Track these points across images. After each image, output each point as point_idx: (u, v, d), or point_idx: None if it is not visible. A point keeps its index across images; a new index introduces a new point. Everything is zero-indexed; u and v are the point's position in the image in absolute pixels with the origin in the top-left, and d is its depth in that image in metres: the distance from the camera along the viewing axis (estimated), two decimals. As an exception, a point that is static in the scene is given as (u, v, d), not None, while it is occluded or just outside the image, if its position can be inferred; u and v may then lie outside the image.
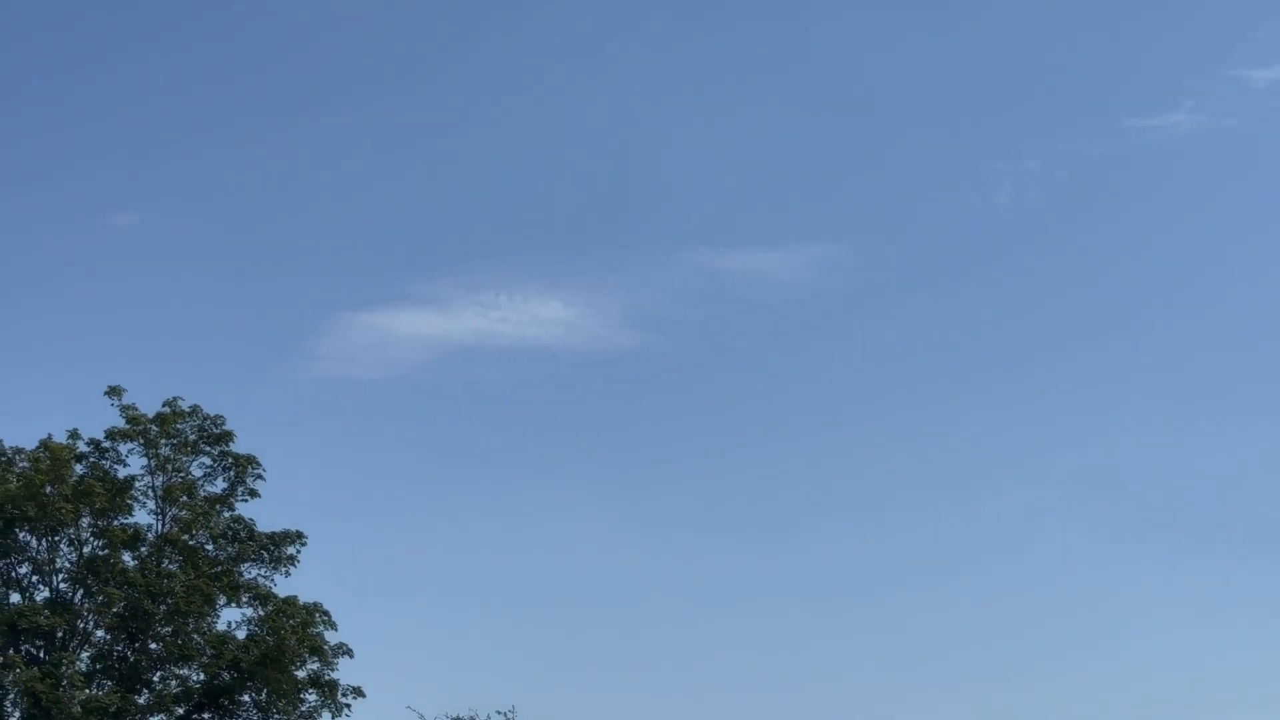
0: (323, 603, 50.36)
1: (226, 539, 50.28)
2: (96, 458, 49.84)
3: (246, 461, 50.64)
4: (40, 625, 46.57)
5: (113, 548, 48.36)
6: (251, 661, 48.18)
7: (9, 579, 48.86)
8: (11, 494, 47.54)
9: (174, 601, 47.74)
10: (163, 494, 49.68)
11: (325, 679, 49.56)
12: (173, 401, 50.47)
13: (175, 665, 48.73)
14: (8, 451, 49.14)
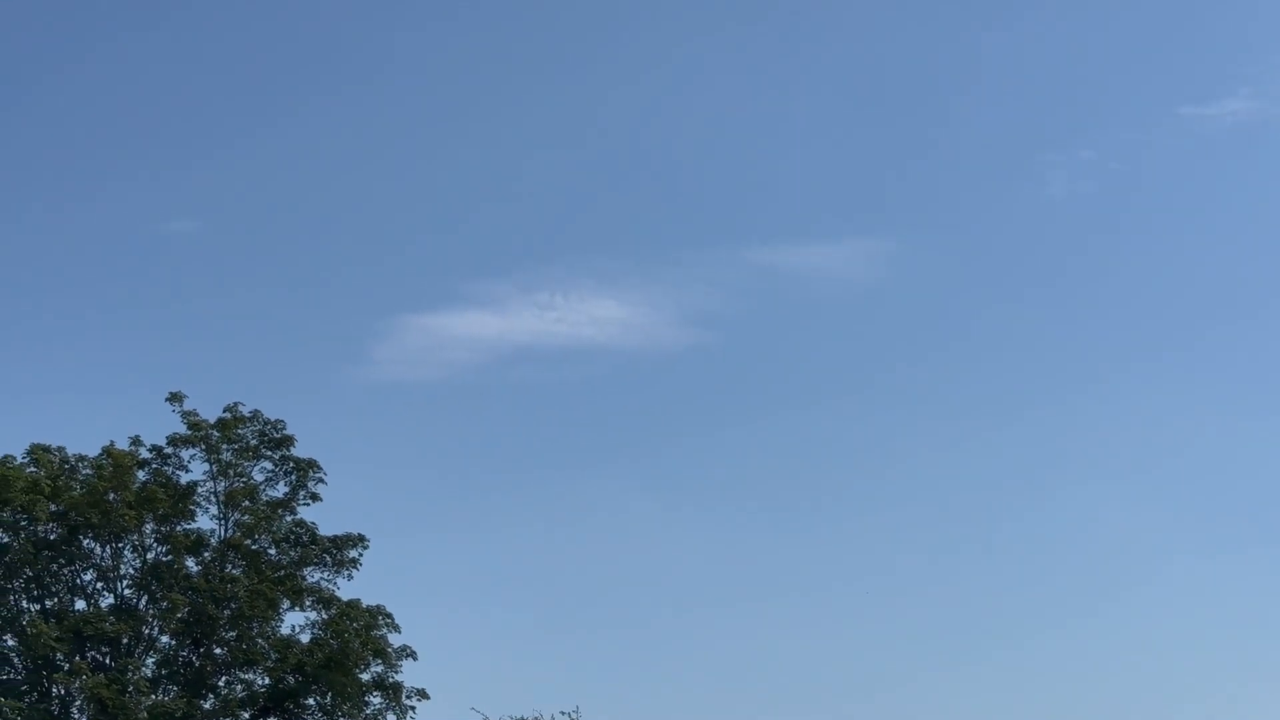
0: (385, 605, 50.51)
1: (289, 543, 50.40)
2: (159, 464, 50.03)
3: (307, 465, 50.75)
4: (106, 632, 46.79)
5: (176, 553, 48.56)
6: (316, 665, 48.29)
7: (74, 586, 49.12)
8: (75, 501, 47.80)
9: (238, 606, 47.89)
10: (225, 499, 49.83)
11: (389, 681, 49.64)
12: (233, 407, 50.64)
13: (240, 669, 48.91)
14: (71, 459, 49.40)
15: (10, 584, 47.92)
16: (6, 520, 47.49)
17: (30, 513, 47.13)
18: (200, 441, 49.95)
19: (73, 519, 47.88)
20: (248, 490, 50.01)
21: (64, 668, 46.23)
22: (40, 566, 47.99)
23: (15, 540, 47.42)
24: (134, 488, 48.60)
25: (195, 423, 50.04)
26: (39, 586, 48.45)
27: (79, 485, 48.46)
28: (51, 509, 47.55)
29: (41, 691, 46.83)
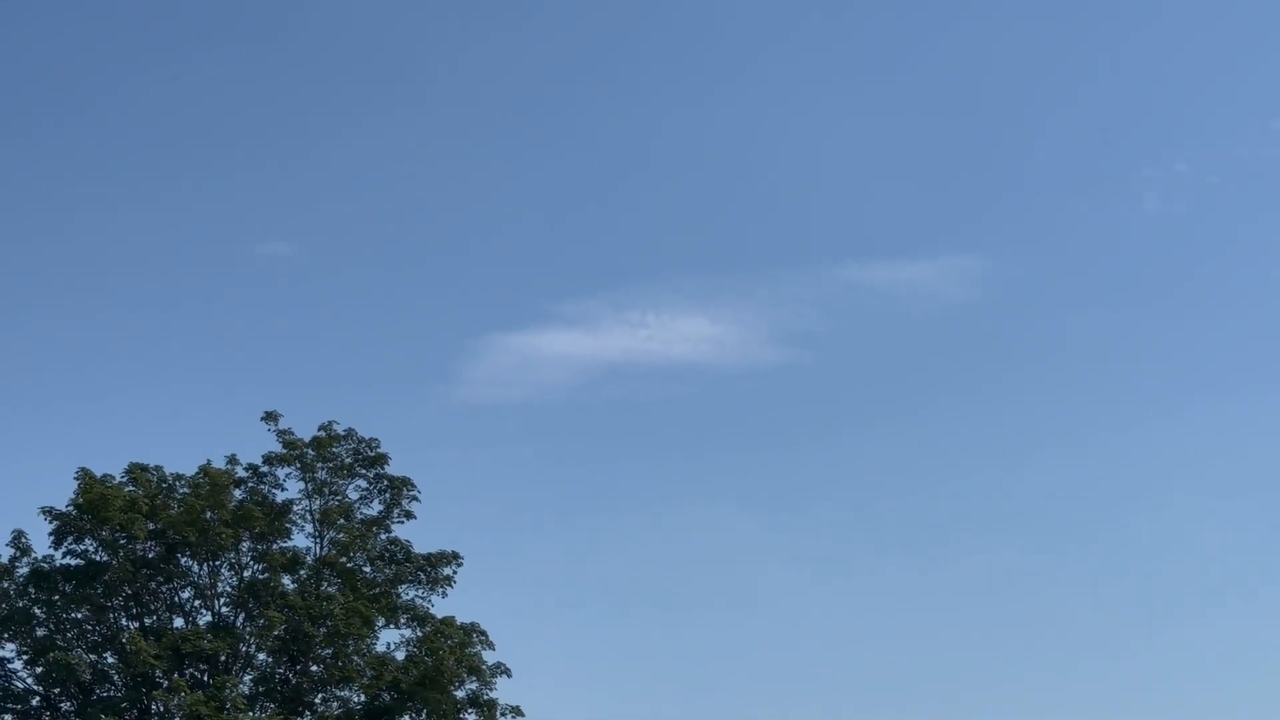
0: (479, 623, 50.63)
1: (384, 561, 50.67)
2: (255, 482, 50.43)
3: (401, 483, 51.00)
4: (203, 649, 47.16)
5: (272, 571, 48.90)
6: (411, 682, 48.44)
7: (172, 604, 49.57)
8: (173, 520, 48.25)
9: (333, 624, 48.10)
10: (320, 517, 50.17)
11: (484, 699, 49.72)
12: (328, 425, 50.98)
13: (336, 687, 49.15)
14: (169, 478, 49.88)
15: (110, 602, 48.43)
16: (106, 539, 48.02)
17: (129, 531, 47.63)
18: (295, 460, 50.30)
19: (170, 537, 48.32)
20: (343, 509, 50.32)
21: (163, 685, 46.62)
22: (139, 585, 48.49)
23: (114, 559, 47.91)
24: (231, 506, 49.00)
25: (290, 441, 50.41)
26: (138, 604, 48.94)
27: (176, 504, 48.90)
28: (149, 528, 48.02)
29: (141, 709, 47.25)
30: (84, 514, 48.08)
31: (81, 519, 48.13)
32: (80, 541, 48.37)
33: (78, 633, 48.37)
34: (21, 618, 47.91)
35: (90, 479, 48.52)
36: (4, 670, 48.36)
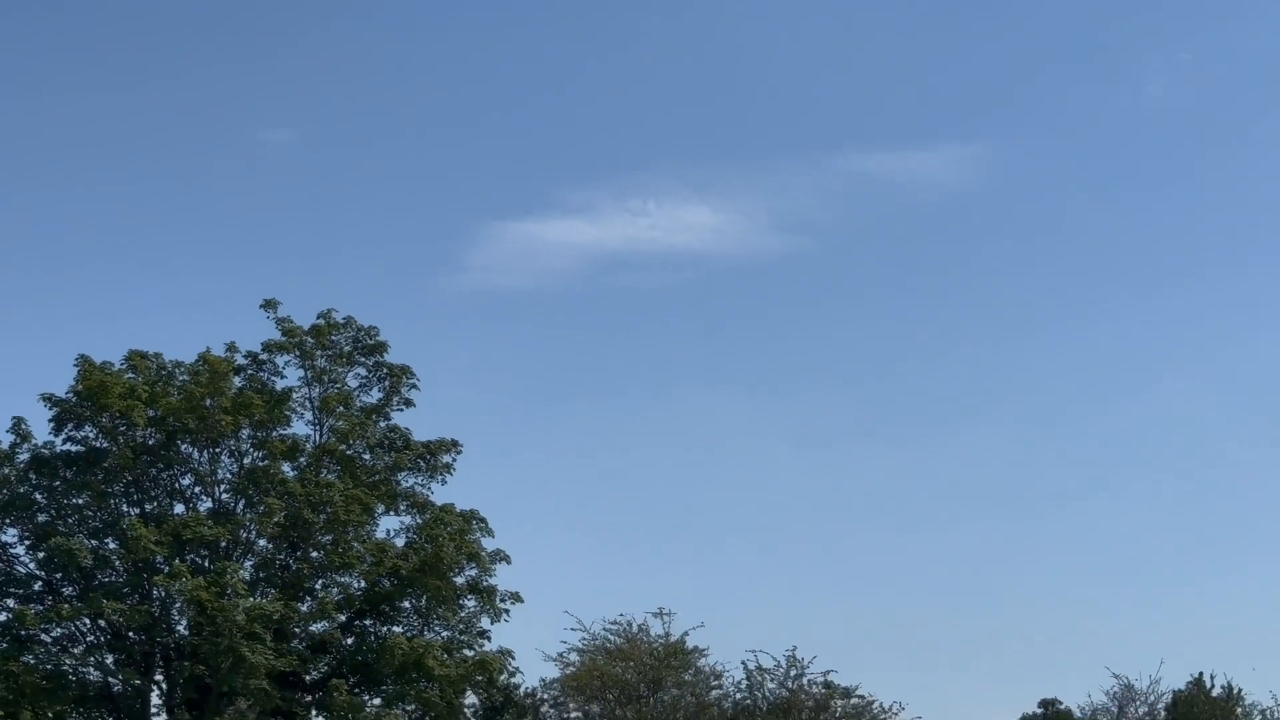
0: (479, 509, 50.90)
1: (383, 448, 50.83)
2: (254, 370, 50.52)
3: (401, 372, 51.09)
4: (204, 536, 47.38)
5: (272, 459, 49.03)
6: (411, 569, 48.73)
7: (173, 490, 49.78)
8: (173, 407, 48.32)
9: (333, 511, 48.29)
10: (319, 405, 50.28)
11: (483, 585, 50.07)
12: (327, 314, 50.99)
13: (336, 573, 49.44)
14: (168, 365, 49.93)
15: (110, 489, 48.60)
16: (105, 426, 48.15)
17: (128, 418, 47.72)
18: (294, 348, 50.34)
19: (170, 424, 48.41)
20: (342, 396, 50.40)
21: (164, 570, 46.90)
22: (139, 471, 48.67)
23: (114, 445, 48.06)
24: (230, 394, 49.07)
25: (289, 329, 50.43)
26: (138, 491, 49.15)
27: (176, 391, 48.95)
28: (149, 415, 48.09)
29: (142, 594, 47.61)
30: (84, 401, 48.17)
31: (81, 406, 48.23)
32: (80, 428, 48.50)
33: (79, 519, 48.61)
34: (23, 504, 48.13)
35: (90, 366, 48.56)
36: (6, 555, 48.65)
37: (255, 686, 45.21)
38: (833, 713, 53.41)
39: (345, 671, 48.58)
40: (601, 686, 52.93)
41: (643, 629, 54.15)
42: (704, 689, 54.54)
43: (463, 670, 48.63)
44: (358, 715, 47.39)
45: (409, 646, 47.34)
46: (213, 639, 45.20)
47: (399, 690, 48.27)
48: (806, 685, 54.01)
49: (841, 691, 53.78)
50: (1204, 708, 56.81)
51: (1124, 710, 58.28)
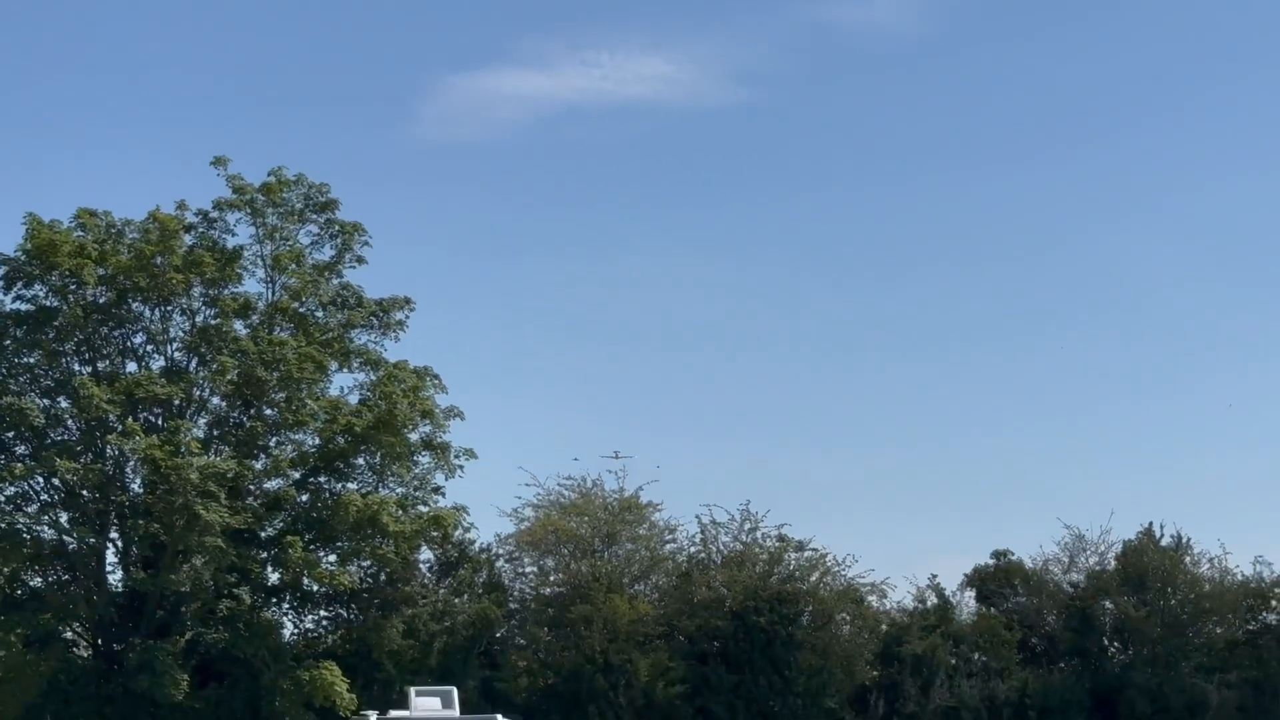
0: (432, 367, 50.91)
1: (336, 306, 50.68)
2: (205, 228, 50.13)
3: (353, 229, 50.78)
4: (157, 394, 47.31)
5: (224, 317, 48.85)
6: (365, 426, 48.74)
7: (125, 349, 49.62)
8: (123, 266, 48.02)
9: (286, 368, 48.18)
10: (271, 263, 50.02)
11: (437, 441, 50.19)
12: (278, 171, 50.53)
13: (290, 430, 49.49)
14: (117, 224, 49.46)
15: (61, 347, 48.39)
16: (55, 284, 47.82)
17: (78, 277, 47.40)
18: (245, 205, 49.94)
19: (121, 283, 48.14)
20: (294, 254, 50.13)
21: (117, 429, 46.91)
22: (90, 330, 48.45)
23: (65, 304, 47.81)
24: (181, 252, 48.74)
25: (240, 186, 49.99)
26: (90, 349, 48.95)
27: (126, 250, 48.60)
28: (99, 273, 47.78)
29: (96, 452, 47.64)
30: (33, 259, 47.79)
31: (30, 265, 47.85)
32: (30, 287, 48.12)
33: (30, 378, 48.41)
34: (-28, 363, 48.00)
35: (38, 224, 48.11)
36: (-43, 415, 48.54)
37: (210, 544, 45.38)
38: (786, 565, 53.99)
39: (300, 528, 48.75)
40: (556, 541, 53.39)
41: (597, 484, 54.63)
42: (658, 543, 55.08)
43: (417, 526, 48.90)
44: (313, 571, 47.74)
45: (363, 503, 47.54)
46: (167, 497, 45.31)
47: (354, 546, 48.58)
48: (760, 539, 54.63)
49: (795, 545, 54.38)
50: (1153, 557, 57.53)
51: (1075, 560, 59.07)
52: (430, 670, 48.51)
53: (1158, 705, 55.39)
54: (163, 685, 44.77)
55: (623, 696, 50.46)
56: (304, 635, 51.30)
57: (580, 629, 51.40)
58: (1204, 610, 57.14)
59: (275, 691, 46.14)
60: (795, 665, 51.96)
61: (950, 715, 53.61)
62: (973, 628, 56.80)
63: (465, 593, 52.28)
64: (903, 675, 53.56)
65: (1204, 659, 56.73)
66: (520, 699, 49.99)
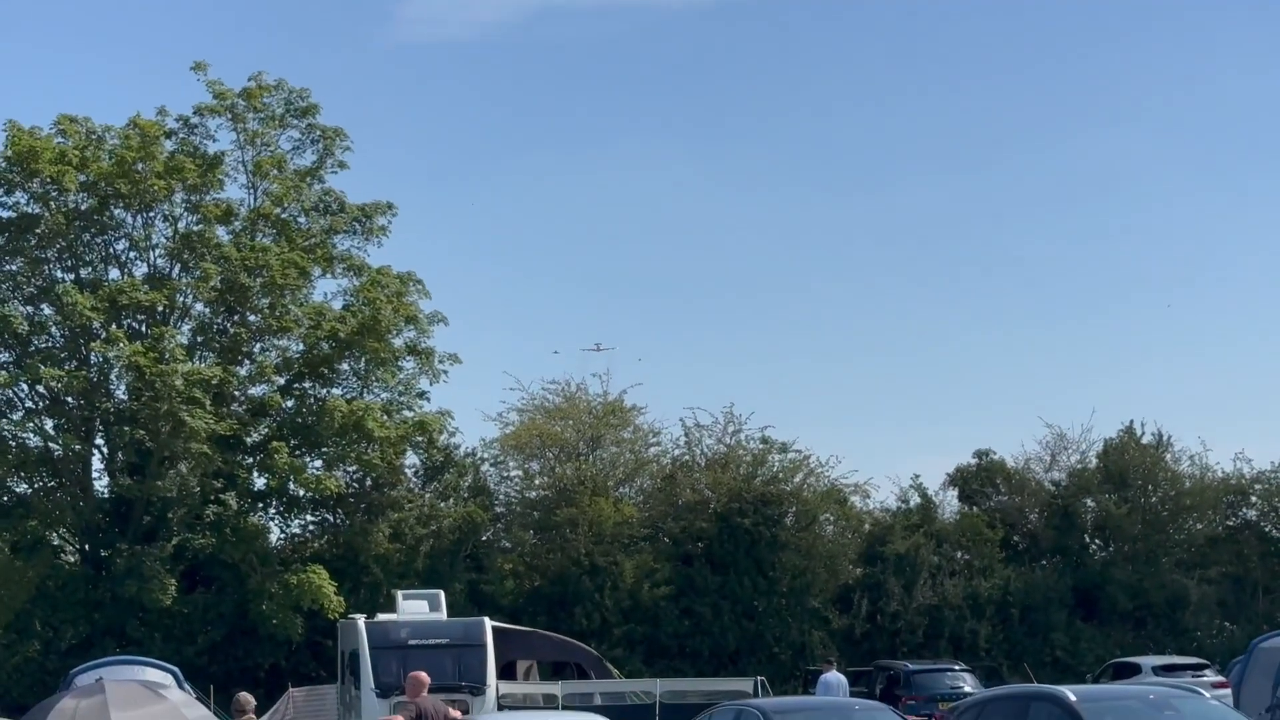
0: (415, 271, 50.93)
1: (318, 212, 50.63)
2: (186, 134, 49.98)
3: (334, 134, 50.64)
4: (140, 301, 47.35)
5: (207, 223, 48.82)
6: (349, 332, 48.86)
7: (107, 256, 49.60)
8: (105, 172, 47.88)
9: (270, 275, 48.23)
10: (253, 169, 49.89)
11: (421, 347, 50.33)
12: (258, 76, 50.34)
13: (274, 337, 49.63)
14: (98, 130, 49.29)
15: (44, 254, 48.42)
16: (36, 191, 47.72)
17: (59, 183, 47.26)
18: (226, 111, 49.76)
19: (102, 189, 48.02)
20: (275, 160, 50.00)
21: (101, 336, 47.01)
22: (73, 237, 48.41)
23: (46, 211, 47.71)
24: (162, 158, 48.60)
25: (220, 92, 49.78)
26: (72, 256, 48.94)
27: (107, 156, 48.47)
28: (80, 179, 47.64)
29: (80, 359, 47.75)
30: (13, 166, 47.65)
31: (11, 171, 47.71)
32: (11, 194, 48.06)
33: (12, 285, 48.47)
34: (-47, 270, 47.95)
35: (18, 131, 47.91)
36: (-60, 321, 48.54)
37: (195, 450, 45.63)
38: (770, 467, 54.29)
39: (286, 434, 48.99)
40: (541, 445, 53.62)
41: (581, 388, 54.79)
42: (642, 446, 55.35)
43: (402, 431, 49.12)
44: (299, 476, 47.97)
45: (348, 408, 47.74)
46: (152, 404, 45.49)
47: (339, 451, 48.81)
48: (744, 441, 54.87)
49: (779, 446, 54.66)
50: (1134, 455, 57.87)
51: (1056, 459, 59.36)
52: (417, 574, 48.85)
53: (1139, 601, 55.94)
54: (150, 590, 45.14)
55: (608, 598, 50.88)
56: (291, 540, 51.61)
57: (566, 532, 51.77)
58: (1184, 507, 57.54)
59: (263, 595, 46.49)
60: (779, 566, 52.37)
61: (934, 613, 54.08)
62: (955, 527, 57.20)
63: (451, 497, 52.55)
64: (886, 574, 53.98)
65: (1184, 555, 57.24)
66: (506, 602, 50.37)
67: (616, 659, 47.37)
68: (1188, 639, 54.98)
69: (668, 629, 51.45)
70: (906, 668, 42.71)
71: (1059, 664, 53.72)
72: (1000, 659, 53.63)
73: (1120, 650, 52.95)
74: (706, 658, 51.66)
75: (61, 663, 44.59)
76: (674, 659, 51.20)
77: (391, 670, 35.06)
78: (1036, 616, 54.94)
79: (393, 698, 33.56)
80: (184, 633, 47.30)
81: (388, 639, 36.41)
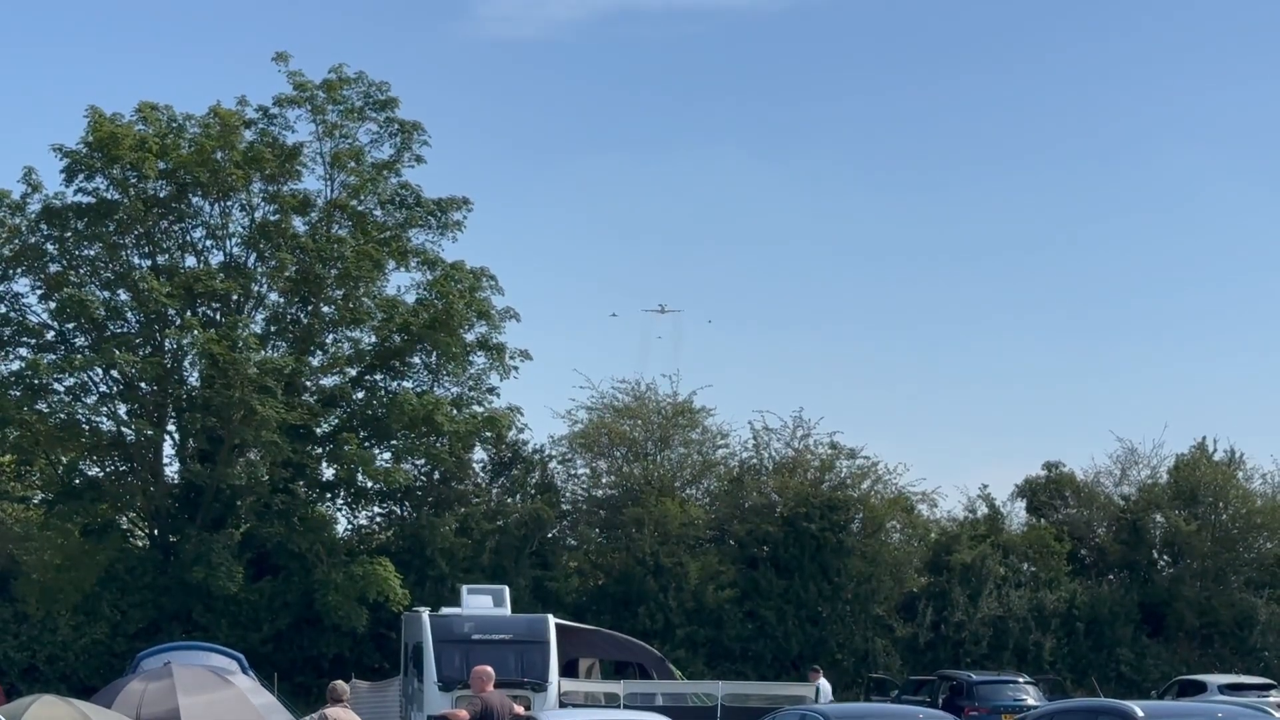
0: (489, 267, 51.03)
1: (394, 205, 50.72)
2: (265, 124, 50.10)
3: (412, 128, 50.66)
4: (216, 288, 47.67)
5: (283, 213, 49.07)
6: (421, 325, 49.02)
7: (184, 243, 49.96)
8: (184, 160, 48.18)
9: (344, 266, 48.42)
10: (331, 160, 50.02)
11: (493, 342, 50.39)
12: (339, 68, 50.36)
13: (347, 328, 49.82)
14: (178, 118, 49.59)
15: (122, 240, 48.77)
16: (116, 177, 48.03)
17: (139, 170, 47.58)
18: (306, 102, 49.88)
19: (181, 177, 48.31)
20: (353, 152, 50.10)
21: (175, 323, 47.35)
22: (150, 223, 48.74)
23: (125, 197, 48.03)
24: (241, 147, 48.85)
25: (301, 83, 49.89)
26: (150, 243, 49.29)
27: (186, 144, 48.74)
28: (160, 167, 47.92)
29: (154, 345, 48.12)
30: (94, 152, 47.99)
31: (92, 157, 48.03)
32: (91, 179, 48.31)
33: (90, 270, 48.88)
34: (34, 254, 48.35)
35: (100, 117, 48.25)
36: (18, 305, 49.05)
37: (266, 439, 45.85)
38: (838, 473, 54.14)
39: (355, 425, 49.21)
40: (609, 443, 53.66)
41: (650, 388, 54.76)
42: (710, 447, 55.27)
43: (471, 426, 49.22)
44: (368, 468, 48.18)
45: (419, 401, 47.86)
46: (224, 391, 45.76)
47: (408, 444, 49.00)
48: (813, 445, 54.73)
49: (847, 452, 54.49)
50: (1206, 471, 57.38)
51: (1126, 473, 58.95)
52: (482, 568, 48.96)
53: (1206, 619, 55.49)
54: (218, 577, 45.41)
55: (673, 599, 50.85)
56: (358, 531, 51.83)
57: (631, 531, 51.78)
58: (1255, 525, 56.99)
59: (329, 585, 46.68)
60: (845, 572, 52.21)
61: (998, 624, 53.80)
62: (1022, 538, 56.89)
63: (518, 493, 52.66)
64: (951, 584, 53.74)
65: (1254, 574, 56.71)
66: (570, 599, 50.42)
67: (679, 660, 47.33)
68: (1255, 659, 54.51)
69: (731, 632, 51.37)
70: (970, 678, 42.54)
71: (1123, 679, 53.37)
72: (1064, 672, 53.29)
73: (1186, 668, 52.57)
74: (769, 662, 51.55)
75: (129, 646, 44.99)
76: (736, 662, 51.13)
77: (454, 664, 35.11)
78: (1102, 631, 54.58)
79: (455, 691, 33.65)
80: (250, 620, 47.56)
81: (451, 633, 36.44)
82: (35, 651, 46.98)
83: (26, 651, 46.97)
